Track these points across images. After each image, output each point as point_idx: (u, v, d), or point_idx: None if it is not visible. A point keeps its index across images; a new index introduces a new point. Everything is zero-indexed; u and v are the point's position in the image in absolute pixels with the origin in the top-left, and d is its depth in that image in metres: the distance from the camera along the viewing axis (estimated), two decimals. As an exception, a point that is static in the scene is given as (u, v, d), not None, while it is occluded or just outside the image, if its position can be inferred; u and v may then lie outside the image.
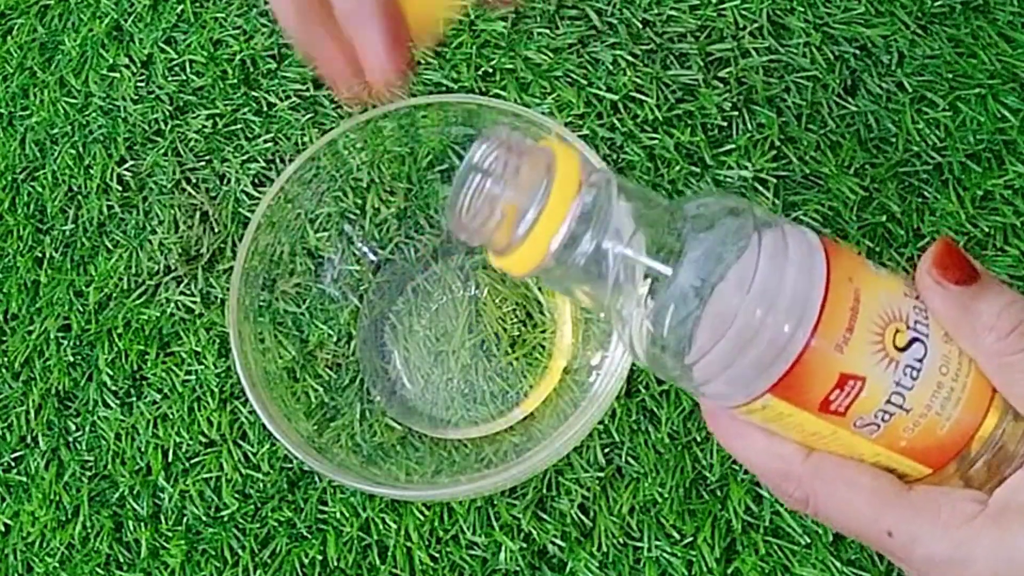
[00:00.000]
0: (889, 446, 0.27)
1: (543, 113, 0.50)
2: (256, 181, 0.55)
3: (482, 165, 0.27)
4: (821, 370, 0.26)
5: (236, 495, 0.48)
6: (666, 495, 0.44)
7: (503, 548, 0.45)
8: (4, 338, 0.56)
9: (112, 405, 0.52)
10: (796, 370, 0.26)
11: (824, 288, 0.26)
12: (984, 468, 0.27)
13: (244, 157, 0.55)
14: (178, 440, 0.50)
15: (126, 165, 0.58)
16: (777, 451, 0.28)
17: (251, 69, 0.58)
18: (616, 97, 0.51)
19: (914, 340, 0.26)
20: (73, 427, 0.52)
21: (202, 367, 0.51)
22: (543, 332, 0.48)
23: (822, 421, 0.26)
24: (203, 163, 0.56)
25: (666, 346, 0.27)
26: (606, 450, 0.45)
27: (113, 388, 0.52)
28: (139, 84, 0.59)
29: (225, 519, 0.48)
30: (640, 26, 0.53)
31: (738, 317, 0.26)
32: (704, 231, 0.27)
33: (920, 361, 0.26)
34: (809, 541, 0.42)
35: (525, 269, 0.27)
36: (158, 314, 0.53)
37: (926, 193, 0.47)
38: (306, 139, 0.55)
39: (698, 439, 0.45)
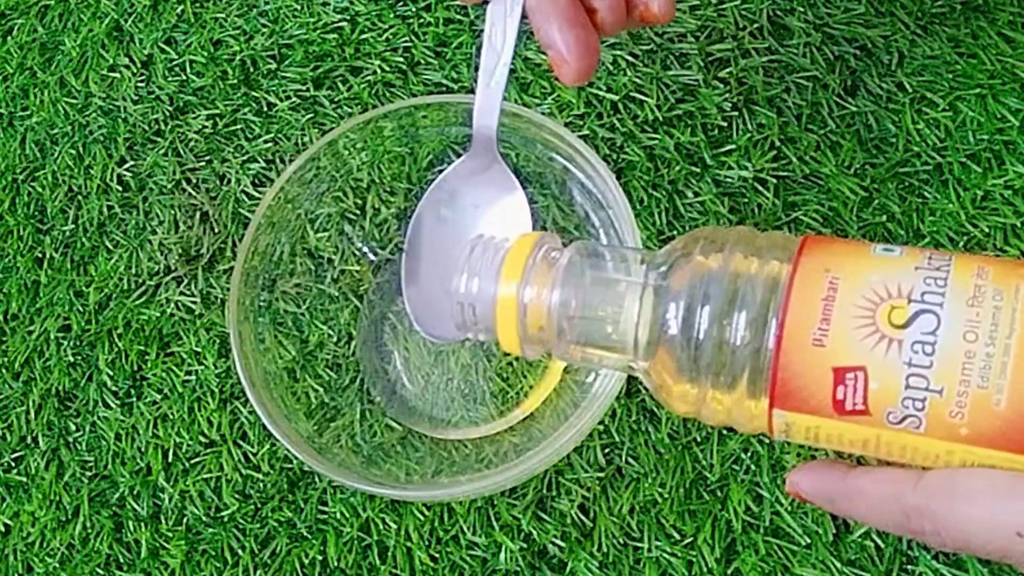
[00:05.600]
0: (951, 438, 0.24)
1: (543, 113, 0.50)
2: (256, 181, 0.55)
3: (460, 276, 0.30)
4: (809, 370, 0.25)
5: (236, 495, 0.48)
6: (666, 495, 0.44)
7: (503, 548, 0.45)
8: (4, 338, 0.56)
9: (112, 405, 0.52)
10: (781, 376, 0.25)
11: (787, 287, 0.25)
12: None
13: (244, 157, 0.55)
14: (178, 440, 0.50)
15: (126, 165, 0.58)
16: (888, 491, 0.25)
17: (251, 69, 0.58)
18: (616, 97, 0.51)
19: (920, 313, 0.24)
20: (73, 427, 0.52)
21: (202, 367, 0.51)
22: (543, 332, 0.48)
23: (855, 426, 0.25)
24: (203, 163, 0.56)
25: (708, 371, 0.27)
26: (606, 450, 0.45)
27: (113, 388, 0.52)
28: (139, 84, 0.59)
29: (225, 519, 0.48)
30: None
31: (715, 339, 0.26)
32: (681, 264, 0.28)
33: (932, 333, 0.24)
34: (809, 541, 0.42)
35: (513, 340, 0.30)
36: (158, 314, 0.53)
37: (926, 193, 0.47)
38: (306, 139, 0.55)
39: (698, 439, 0.45)
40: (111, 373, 0.52)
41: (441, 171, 0.42)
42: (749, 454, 0.44)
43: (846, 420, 0.25)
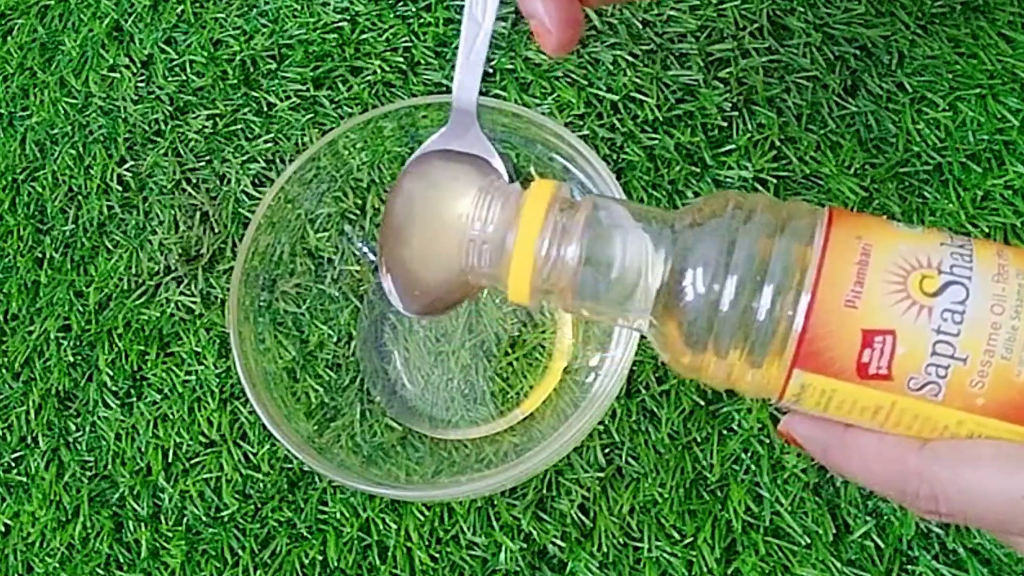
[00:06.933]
0: (966, 408, 0.25)
1: (543, 113, 0.50)
2: (256, 181, 0.55)
3: (472, 221, 0.30)
4: (837, 331, 0.25)
5: (236, 495, 0.48)
6: (666, 495, 0.44)
7: (503, 548, 0.45)
8: (4, 338, 0.56)
9: (112, 405, 0.52)
10: (809, 336, 0.25)
11: (821, 249, 0.26)
12: None
13: (244, 157, 0.55)
14: (178, 440, 0.50)
15: (126, 165, 0.58)
16: (889, 452, 0.26)
17: (251, 69, 0.58)
18: (616, 97, 0.51)
19: (950, 283, 0.25)
20: (73, 427, 0.52)
21: (202, 367, 0.51)
22: (543, 332, 0.48)
23: (873, 391, 0.25)
24: (203, 163, 0.56)
25: (723, 332, 0.27)
26: (606, 450, 0.45)
27: (113, 388, 0.52)
28: (139, 84, 0.59)
29: (225, 519, 0.48)
30: (640, 26, 0.53)
31: (744, 298, 0.26)
32: (705, 227, 0.27)
33: (961, 303, 0.25)
34: (809, 541, 0.42)
35: (524, 290, 0.29)
36: (158, 314, 0.53)
37: (926, 193, 0.47)
38: (306, 139, 0.55)
39: (698, 439, 0.45)
40: (111, 373, 0.52)
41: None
42: (749, 454, 0.44)
43: (866, 384, 0.25)
